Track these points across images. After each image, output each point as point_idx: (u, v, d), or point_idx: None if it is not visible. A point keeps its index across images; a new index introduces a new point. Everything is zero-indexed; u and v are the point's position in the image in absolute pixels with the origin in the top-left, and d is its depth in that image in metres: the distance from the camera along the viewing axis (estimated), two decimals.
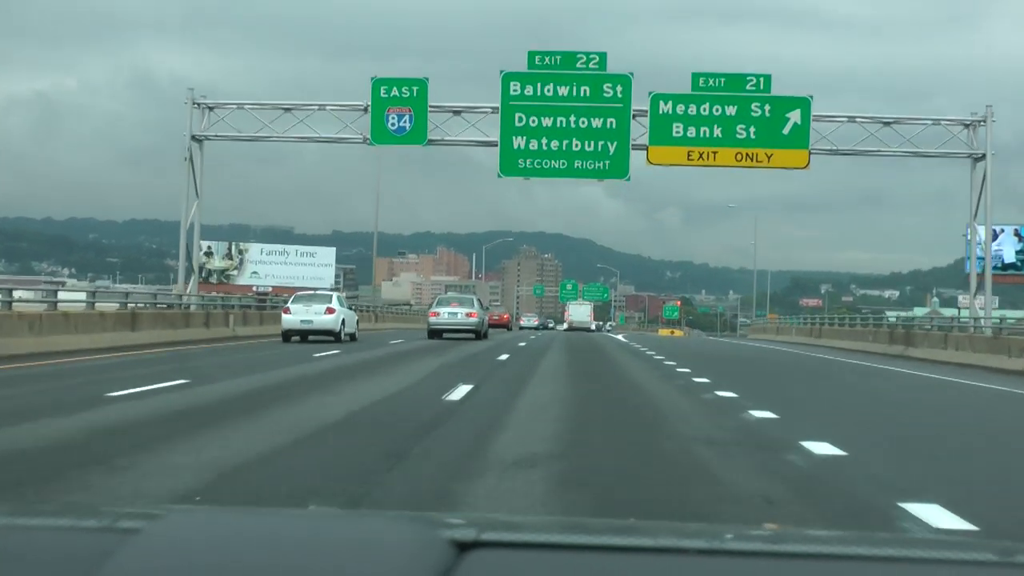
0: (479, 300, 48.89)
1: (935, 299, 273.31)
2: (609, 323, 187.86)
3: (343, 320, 38.10)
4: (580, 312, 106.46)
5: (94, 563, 1.61)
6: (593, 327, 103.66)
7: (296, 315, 37.52)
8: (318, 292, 43.34)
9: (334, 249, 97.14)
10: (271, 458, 9.43)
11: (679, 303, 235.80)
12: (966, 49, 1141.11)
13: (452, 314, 44.18)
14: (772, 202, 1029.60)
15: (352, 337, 38.77)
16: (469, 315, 44.28)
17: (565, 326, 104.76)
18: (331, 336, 37.28)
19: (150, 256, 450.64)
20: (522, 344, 41.53)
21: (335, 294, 42.41)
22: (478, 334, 44.37)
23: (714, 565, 1.79)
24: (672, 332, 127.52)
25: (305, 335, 37.33)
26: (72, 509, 2.43)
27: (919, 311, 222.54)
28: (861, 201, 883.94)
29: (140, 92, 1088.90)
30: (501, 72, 42.62)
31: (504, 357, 29.20)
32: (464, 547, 1.70)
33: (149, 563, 1.63)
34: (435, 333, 43.46)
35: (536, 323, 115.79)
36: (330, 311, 37.75)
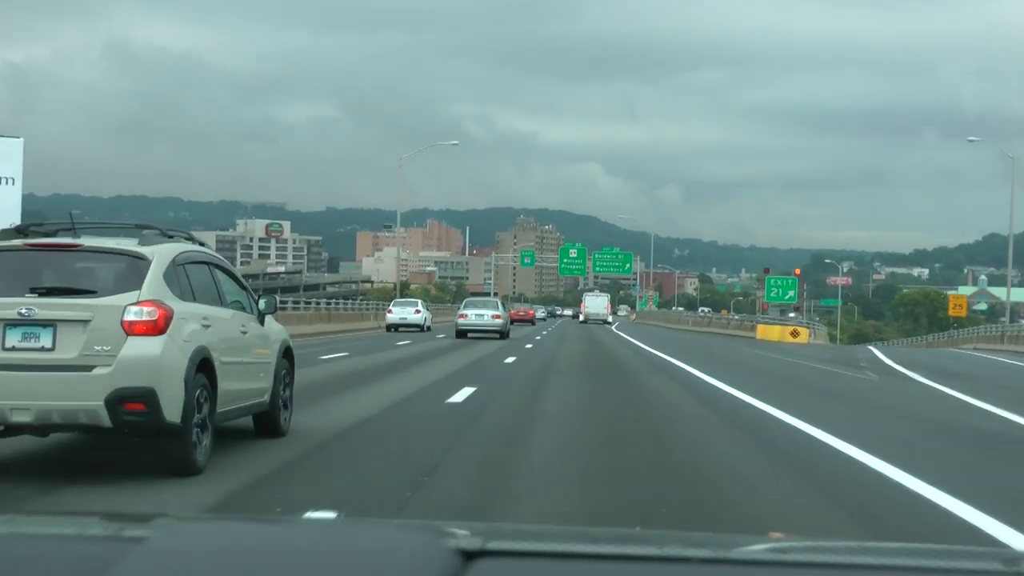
0: (502, 303, 57.98)
1: (983, 277, 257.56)
2: (622, 308, 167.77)
3: (425, 318, 57.74)
4: (596, 304, 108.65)
5: (99, 572, 1.63)
6: (610, 319, 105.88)
7: (396, 315, 57.18)
8: (408, 300, 64.06)
9: (21, 141, 47.36)
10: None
11: (771, 271, 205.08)
12: (968, 18, 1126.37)
13: (479, 315, 49.61)
14: (773, 179, 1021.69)
15: (429, 328, 57.50)
16: (494, 317, 49.76)
17: (581, 317, 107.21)
18: (418, 328, 56.28)
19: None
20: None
21: (419, 301, 62.71)
22: (502, 334, 49.41)
23: (720, 574, 1.82)
24: (795, 332, 70.37)
25: (399, 327, 56.13)
26: (77, 518, 2.50)
27: (964, 290, 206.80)
28: (865, 179, 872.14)
29: (117, 63, 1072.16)
30: None
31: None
32: (470, 556, 1.73)
33: (154, 572, 1.66)
34: (462, 333, 48.52)
35: (543, 314, 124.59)
36: (417, 312, 57.58)
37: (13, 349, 9.08)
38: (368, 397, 17.56)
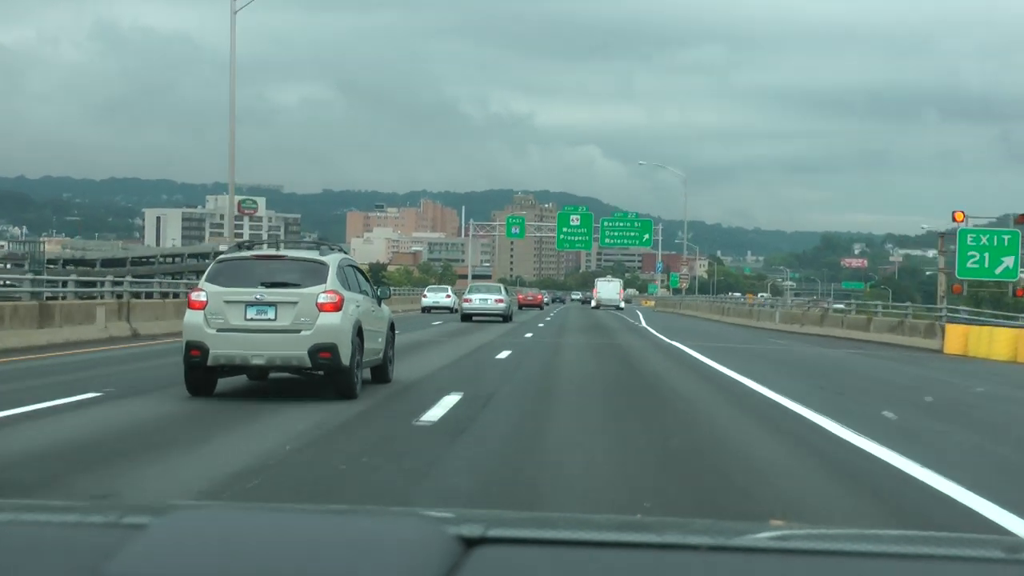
0: (505, 288, 63.63)
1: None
2: (627, 292, 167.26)
3: (454, 301, 69.19)
4: (609, 289, 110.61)
5: (100, 559, 1.71)
6: (622, 304, 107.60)
7: (430, 299, 71.55)
8: (440, 287, 78.22)
9: None
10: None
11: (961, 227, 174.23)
12: None
13: (483, 300, 56.21)
14: (775, 162, 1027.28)
15: (456, 311, 66.01)
16: (497, 301, 55.93)
17: (593, 303, 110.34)
18: (448, 311, 68.38)
19: (117, 214, 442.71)
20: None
21: (449, 287, 77.77)
22: (505, 317, 55.28)
23: (720, 561, 1.88)
24: None
25: (432, 309, 69.59)
26: (78, 505, 2.64)
27: None
28: (867, 161, 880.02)
29: (107, 43, 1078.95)
30: None
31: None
32: (471, 543, 1.81)
33: (154, 559, 1.73)
34: (467, 317, 54.95)
35: (548, 299, 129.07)
36: (448, 296, 71.59)
37: (251, 320, 15.65)
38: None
